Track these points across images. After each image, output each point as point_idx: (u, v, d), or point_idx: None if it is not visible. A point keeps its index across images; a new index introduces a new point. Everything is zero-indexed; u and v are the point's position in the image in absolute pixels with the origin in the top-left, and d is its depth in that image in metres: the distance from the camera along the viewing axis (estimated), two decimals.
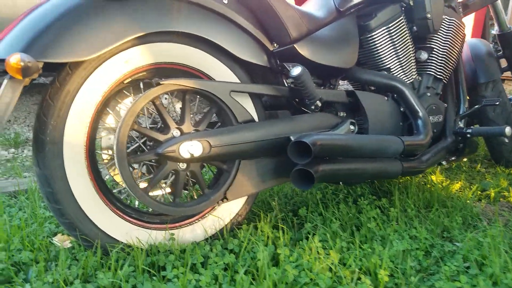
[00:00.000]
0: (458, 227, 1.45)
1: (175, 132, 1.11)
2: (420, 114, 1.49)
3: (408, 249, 1.26)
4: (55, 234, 1.25)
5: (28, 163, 2.13)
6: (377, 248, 1.23)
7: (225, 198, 1.18)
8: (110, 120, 1.22)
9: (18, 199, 1.55)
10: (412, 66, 1.60)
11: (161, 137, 1.09)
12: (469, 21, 4.06)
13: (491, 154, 2.10)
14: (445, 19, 1.65)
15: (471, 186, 1.86)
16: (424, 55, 1.65)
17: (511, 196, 1.71)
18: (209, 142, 1.10)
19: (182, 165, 1.14)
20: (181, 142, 1.07)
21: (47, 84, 1.05)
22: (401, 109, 1.53)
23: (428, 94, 1.63)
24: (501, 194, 1.77)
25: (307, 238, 1.30)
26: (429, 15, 1.56)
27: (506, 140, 1.58)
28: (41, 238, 1.20)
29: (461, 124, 1.66)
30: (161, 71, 1.18)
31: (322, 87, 1.47)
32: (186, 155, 1.07)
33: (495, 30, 2.06)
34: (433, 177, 1.88)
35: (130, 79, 1.14)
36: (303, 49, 1.30)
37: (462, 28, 1.69)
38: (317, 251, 1.18)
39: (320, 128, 1.32)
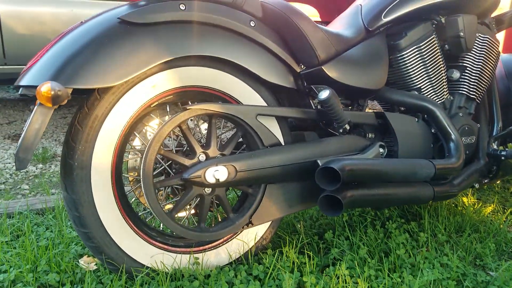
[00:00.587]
0: (492, 254, 1.38)
1: (201, 157, 1.11)
2: (452, 136, 1.44)
3: (439, 279, 1.20)
4: (81, 256, 1.26)
5: (56, 179, 2.17)
6: (407, 278, 1.19)
7: (250, 223, 1.17)
8: (136, 143, 1.23)
9: (45, 217, 1.57)
10: (443, 85, 1.55)
11: (186, 161, 1.09)
12: (500, 33, 3.93)
13: None
14: (479, 37, 1.59)
15: (505, 209, 1.78)
16: (456, 74, 1.59)
17: None
18: (235, 166, 1.09)
19: (208, 190, 1.12)
20: (207, 168, 1.06)
21: (76, 109, 1.06)
22: (432, 131, 1.48)
23: (461, 114, 1.57)
24: None
25: (333, 265, 1.26)
26: (462, 34, 1.51)
27: None
28: (67, 260, 1.21)
29: (494, 146, 1.60)
30: (188, 94, 1.18)
31: (350, 108, 1.44)
32: (212, 180, 1.06)
33: None
34: (465, 199, 1.81)
35: (157, 103, 1.14)
36: (331, 71, 1.27)
37: (496, 46, 1.63)
38: (345, 279, 1.15)
39: (348, 151, 1.29)
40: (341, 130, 1.26)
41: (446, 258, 1.28)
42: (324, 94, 1.16)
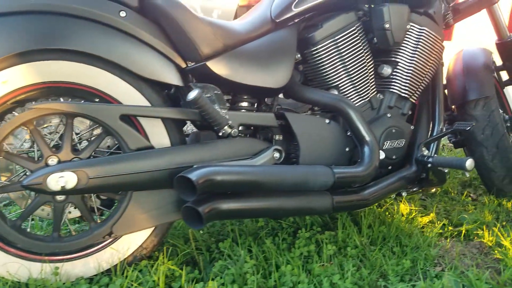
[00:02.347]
0: (402, 273, 1.25)
1: (51, 161, 1.02)
2: (367, 139, 1.29)
3: None
4: None
5: None
6: None
7: (111, 233, 1.08)
8: None
9: None
10: (368, 83, 1.40)
11: (31, 166, 1.01)
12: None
13: (482, 180, 1.84)
14: (414, 29, 1.42)
15: (448, 219, 1.63)
16: (387, 70, 1.44)
17: (484, 235, 1.46)
18: (87, 172, 1.00)
19: (60, 197, 1.04)
20: (50, 174, 0.97)
21: None
22: (348, 134, 1.35)
23: (389, 115, 1.42)
24: (477, 231, 1.53)
25: (214, 279, 1.17)
26: (387, 25, 1.35)
27: (467, 175, 1.34)
28: None
29: (425, 151, 1.44)
30: (57, 90, 1.09)
31: (255, 108, 1.32)
32: (56, 187, 0.98)
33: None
34: (402, 207, 1.67)
35: (14, 100, 1.06)
36: (217, 67, 1.15)
37: (436, 38, 1.46)
38: None
39: (237, 156, 1.17)
40: (221, 133, 1.15)
41: (338, 277, 1.16)
42: (192, 94, 1.05)
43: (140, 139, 1.09)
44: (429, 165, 1.37)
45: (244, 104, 1.29)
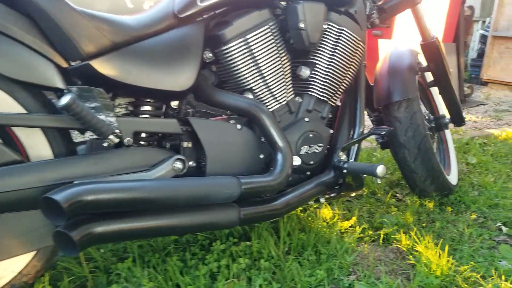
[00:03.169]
0: (316, 283, 1.19)
1: None
2: (279, 145, 1.21)
3: None
4: None
5: None
6: None
7: None
8: None
9: None
10: (285, 86, 1.32)
11: None
12: (440, 21, 3.73)
13: (406, 181, 1.83)
14: (332, 29, 1.36)
15: (370, 222, 1.60)
16: (305, 72, 1.36)
17: (402, 239, 1.45)
18: None
19: None
20: None
21: None
22: (263, 140, 1.26)
23: (307, 119, 1.36)
24: (396, 235, 1.51)
25: None
26: (302, 25, 1.27)
27: (379, 181, 1.31)
28: None
29: (343, 156, 1.39)
30: None
31: (162, 112, 1.20)
32: None
33: (479, 30, 1.76)
34: (325, 211, 1.62)
35: None
36: (104, 67, 1.02)
37: (356, 40, 1.40)
38: None
39: (129, 168, 1.05)
40: (106, 144, 1.02)
41: None
42: (64, 99, 0.91)
43: (7, 152, 0.94)
44: (344, 170, 1.32)
45: (147, 108, 1.17)
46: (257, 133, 1.25)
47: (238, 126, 1.22)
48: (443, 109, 2.01)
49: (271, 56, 1.27)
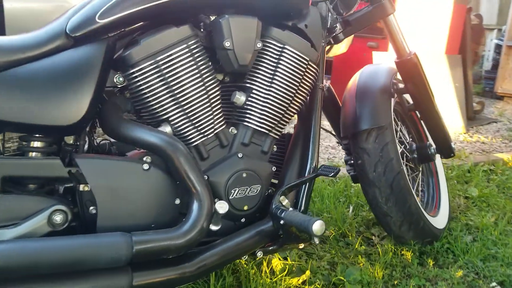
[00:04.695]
0: None
1: None
2: (194, 190, 0.98)
3: None
4: None
5: None
6: None
7: None
8: None
9: None
10: (212, 115, 1.09)
11: None
12: (442, 32, 3.46)
13: (380, 224, 1.57)
14: (272, 47, 1.13)
15: (329, 277, 1.34)
16: (240, 98, 1.13)
17: None
18: None
19: None
20: None
21: None
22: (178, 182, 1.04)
23: (240, 155, 1.12)
24: None
25: None
26: (227, 44, 1.05)
27: (316, 241, 1.06)
28: None
29: (284, 201, 1.14)
30: None
31: (56, 150, 0.99)
32: None
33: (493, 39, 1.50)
34: (274, 262, 1.37)
35: None
36: None
37: (304, 60, 1.17)
38: None
39: None
40: None
41: None
42: None
43: None
44: (281, 221, 1.08)
45: (37, 145, 0.97)
46: (172, 173, 1.03)
47: (145, 166, 1.00)
48: None
49: (191, 81, 1.05)
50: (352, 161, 1.51)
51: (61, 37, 0.96)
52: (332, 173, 1.12)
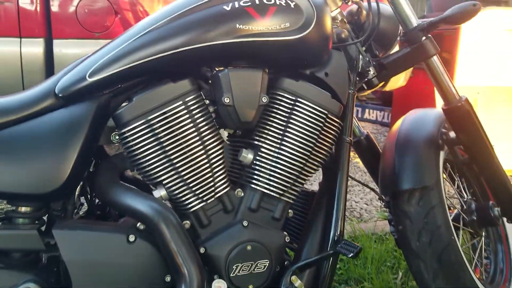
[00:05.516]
0: None
1: None
2: (183, 270, 0.85)
3: None
4: None
5: None
6: None
7: None
8: None
9: None
10: (212, 177, 0.97)
11: None
12: (506, 64, 3.07)
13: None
14: (282, 100, 1.00)
15: None
16: (247, 157, 1.00)
17: None
18: None
19: None
20: None
21: None
22: None
23: (245, 223, 0.97)
24: None
25: None
26: (227, 100, 0.93)
27: None
28: None
29: (296, 282, 0.95)
30: None
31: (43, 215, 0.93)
32: None
33: None
34: None
35: None
36: None
37: (322, 112, 1.01)
38: None
39: None
40: None
41: None
42: None
43: None
44: None
45: (24, 210, 0.91)
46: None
47: (131, 238, 0.89)
48: None
49: (187, 141, 0.94)
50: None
51: (50, 98, 0.91)
52: (352, 253, 0.92)
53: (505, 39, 3.09)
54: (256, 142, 1.00)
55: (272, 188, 1.00)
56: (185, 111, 0.93)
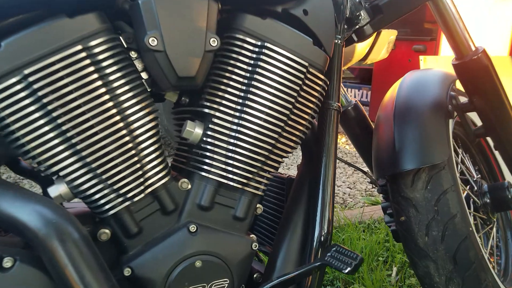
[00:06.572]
0: None
1: None
2: None
3: None
4: None
5: None
6: None
7: None
8: None
9: None
10: (141, 164, 0.65)
11: None
12: (504, 33, 2.86)
13: None
14: (245, 45, 0.68)
15: None
16: (195, 132, 0.68)
17: None
18: None
19: None
20: None
21: None
22: None
23: (192, 228, 0.67)
24: None
25: None
26: (153, 41, 0.61)
27: None
28: None
29: None
30: None
31: None
32: None
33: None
34: None
35: None
36: None
37: (300, 64, 0.70)
38: None
39: None
40: None
41: None
42: None
43: None
44: None
45: None
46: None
47: (7, 263, 0.56)
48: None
49: (94, 108, 0.61)
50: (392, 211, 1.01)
51: None
52: (349, 267, 0.62)
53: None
54: (206, 110, 0.68)
55: (230, 176, 0.69)
56: (88, 61, 0.60)
